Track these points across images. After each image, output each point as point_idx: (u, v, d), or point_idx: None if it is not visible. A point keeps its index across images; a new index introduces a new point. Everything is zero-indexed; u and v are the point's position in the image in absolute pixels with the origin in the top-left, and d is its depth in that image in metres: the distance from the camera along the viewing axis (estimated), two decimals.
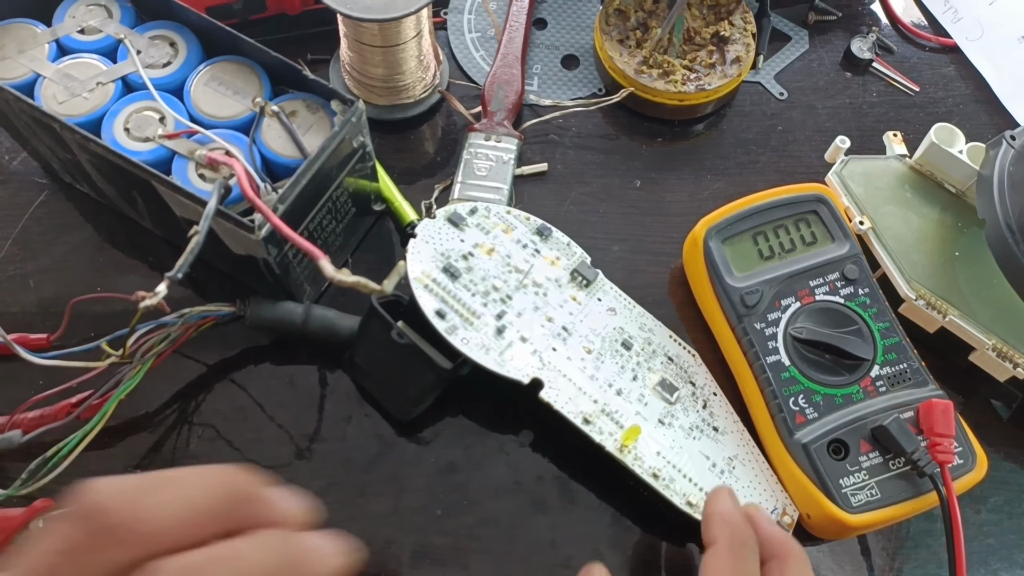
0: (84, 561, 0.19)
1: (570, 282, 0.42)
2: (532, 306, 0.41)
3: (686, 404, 0.41)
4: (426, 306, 0.39)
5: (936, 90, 0.54)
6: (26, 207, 0.47)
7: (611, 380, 0.40)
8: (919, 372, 0.40)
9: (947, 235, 0.44)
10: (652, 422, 0.39)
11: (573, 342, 0.40)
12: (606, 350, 0.41)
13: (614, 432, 0.38)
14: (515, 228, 0.43)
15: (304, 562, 0.21)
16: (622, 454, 0.38)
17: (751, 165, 0.51)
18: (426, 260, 0.40)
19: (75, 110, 0.39)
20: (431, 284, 0.39)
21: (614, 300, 0.42)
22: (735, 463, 0.40)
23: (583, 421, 0.38)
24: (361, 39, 0.46)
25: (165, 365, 0.40)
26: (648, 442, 0.39)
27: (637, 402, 0.40)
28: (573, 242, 0.43)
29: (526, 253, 0.42)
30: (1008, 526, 0.42)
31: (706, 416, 0.41)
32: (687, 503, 0.38)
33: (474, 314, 0.39)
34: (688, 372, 0.42)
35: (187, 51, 0.41)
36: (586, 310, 0.42)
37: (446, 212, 0.42)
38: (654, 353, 0.41)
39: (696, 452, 0.39)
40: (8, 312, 0.43)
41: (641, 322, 0.42)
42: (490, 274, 0.41)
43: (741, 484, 0.39)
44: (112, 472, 0.32)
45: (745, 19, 0.52)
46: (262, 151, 0.39)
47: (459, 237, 0.41)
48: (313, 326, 0.42)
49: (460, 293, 0.40)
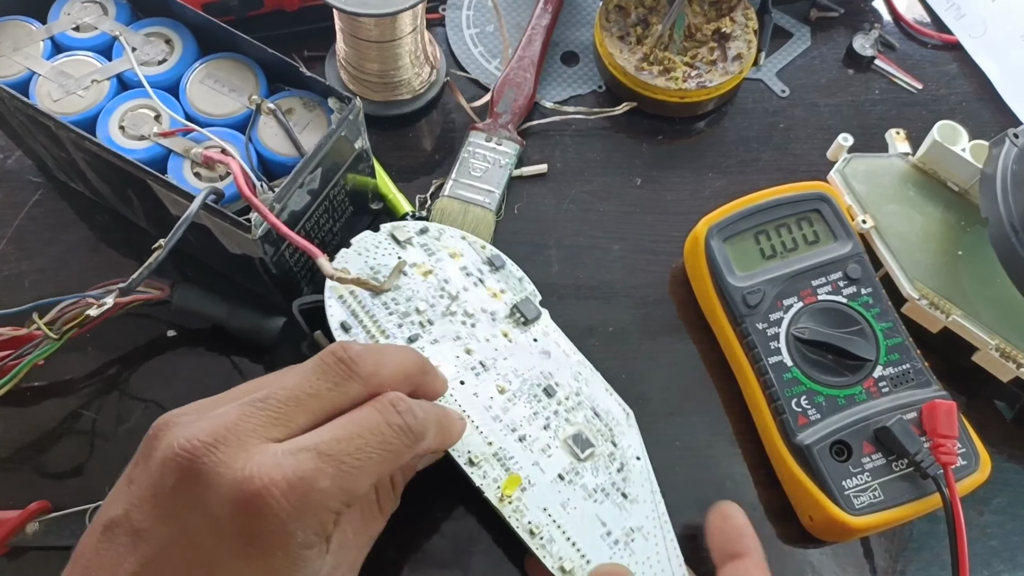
0: (336, 388, 0.29)
1: (507, 317, 0.40)
2: (454, 335, 0.38)
3: (598, 464, 0.37)
4: (333, 316, 0.37)
5: (939, 88, 0.54)
6: (21, 206, 0.46)
7: (516, 425, 0.37)
8: (922, 373, 0.40)
9: (950, 234, 0.44)
10: (550, 476, 0.36)
11: (487, 378, 0.38)
12: (522, 393, 0.38)
13: (499, 479, 0.36)
14: (464, 255, 0.41)
15: (448, 420, 0.34)
16: (501, 504, 0.35)
17: (753, 163, 0.51)
18: (353, 271, 0.38)
19: (70, 108, 0.39)
20: (347, 295, 0.38)
21: (552, 344, 0.40)
22: (636, 535, 0.36)
23: (468, 462, 0.36)
24: (358, 35, 0.45)
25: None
26: (537, 496, 0.36)
27: (539, 453, 0.37)
28: (527, 278, 0.42)
29: (467, 281, 0.40)
30: (1012, 527, 0.41)
31: (618, 480, 0.37)
32: (560, 568, 0.34)
33: (383, 332, 0.37)
34: (614, 431, 0.38)
35: (183, 48, 0.41)
36: (514, 349, 0.39)
37: (392, 227, 0.40)
38: (578, 405, 0.38)
39: (591, 516, 0.36)
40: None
41: (576, 371, 0.40)
42: (417, 295, 0.39)
43: (636, 559, 0.35)
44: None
45: (747, 15, 0.52)
46: (258, 149, 0.39)
47: (397, 254, 0.40)
48: (236, 324, 0.41)
49: (376, 310, 0.38)
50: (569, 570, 0.34)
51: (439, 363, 0.37)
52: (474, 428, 0.36)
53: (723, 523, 0.36)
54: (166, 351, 0.43)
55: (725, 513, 0.37)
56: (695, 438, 0.42)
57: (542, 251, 0.47)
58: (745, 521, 0.36)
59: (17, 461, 0.40)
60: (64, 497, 0.39)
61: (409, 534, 0.39)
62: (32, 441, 0.40)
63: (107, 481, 0.39)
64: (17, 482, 0.40)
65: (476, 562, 0.39)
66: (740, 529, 0.36)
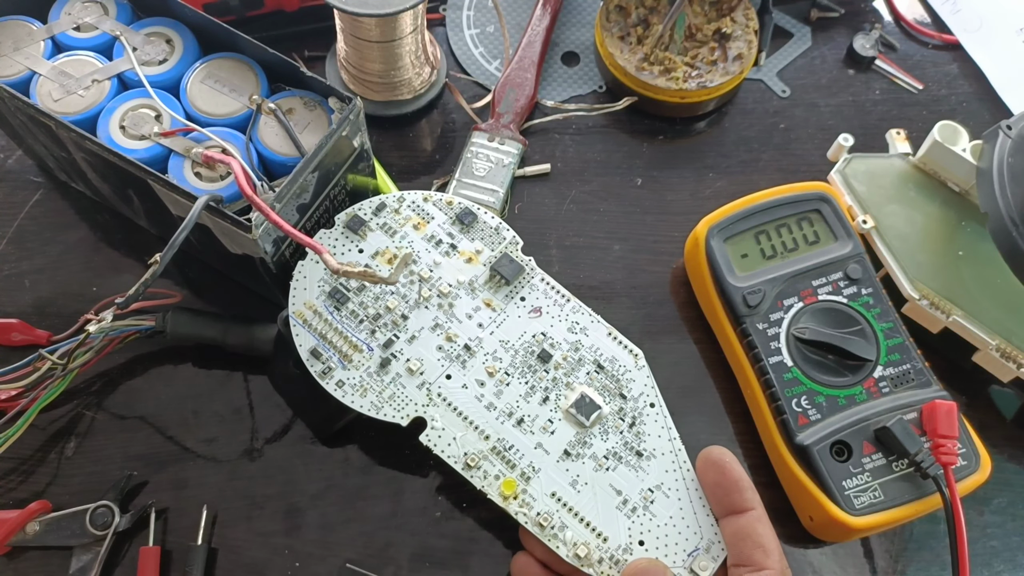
0: None
1: (487, 283, 0.38)
2: (432, 324, 0.37)
3: (606, 426, 0.36)
4: (302, 346, 0.36)
5: (939, 88, 0.54)
6: (21, 206, 0.46)
7: (513, 408, 0.36)
8: (922, 373, 0.40)
9: (951, 234, 0.44)
10: (555, 455, 0.35)
11: (475, 364, 0.36)
12: (515, 368, 0.36)
13: (502, 475, 0.35)
14: (431, 220, 0.39)
15: None
16: (506, 502, 0.34)
17: (753, 163, 0.51)
18: (312, 286, 0.37)
19: (70, 108, 0.39)
20: (311, 318, 0.36)
21: (542, 297, 0.38)
22: (656, 495, 0.35)
23: (465, 466, 0.35)
24: (358, 35, 0.45)
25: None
26: (544, 482, 0.35)
27: (541, 432, 0.35)
28: (504, 224, 0.39)
29: (437, 252, 0.38)
30: (1012, 528, 0.41)
31: (630, 438, 0.36)
32: (575, 555, 0.33)
33: (355, 348, 0.36)
34: (621, 381, 0.37)
35: (183, 48, 0.41)
36: (501, 317, 0.37)
37: (346, 216, 0.39)
38: (579, 362, 0.37)
39: (605, 487, 0.35)
40: (3, 312, 0.43)
41: (573, 321, 0.38)
42: (386, 291, 0.37)
43: (658, 521, 0.34)
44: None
45: (747, 16, 0.52)
46: (259, 149, 0.39)
47: (358, 246, 0.38)
48: (233, 341, 0.41)
49: (343, 324, 0.36)
50: (584, 555, 0.33)
51: (421, 363, 0.36)
52: (468, 425, 0.36)
53: (719, 476, 0.34)
54: (166, 352, 0.43)
55: (718, 463, 0.35)
56: (695, 438, 0.42)
57: (543, 251, 0.47)
58: (741, 471, 0.34)
59: (18, 461, 0.40)
60: (64, 497, 0.39)
61: (409, 534, 0.39)
62: (32, 441, 0.40)
63: (107, 481, 0.39)
64: (17, 482, 0.40)
65: (476, 562, 0.39)
66: (738, 482, 0.34)
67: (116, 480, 0.39)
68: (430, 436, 0.35)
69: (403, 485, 0.40)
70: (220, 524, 0.39)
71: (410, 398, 0.36)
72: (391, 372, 0.36)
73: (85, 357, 0.38)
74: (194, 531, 0.38)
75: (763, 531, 0.33)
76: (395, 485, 0.40)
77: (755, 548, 0.33)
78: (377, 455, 0.41)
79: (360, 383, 0.36)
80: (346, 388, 0.36)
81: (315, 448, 0.41)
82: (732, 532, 0.34)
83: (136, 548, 0.38)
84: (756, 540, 0.33)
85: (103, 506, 0.38)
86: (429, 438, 0.35)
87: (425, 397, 0.36)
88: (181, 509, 0.39)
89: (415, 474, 0.41)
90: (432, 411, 0.36)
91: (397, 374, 0.36)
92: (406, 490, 0.40)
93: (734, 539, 0.34)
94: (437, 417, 0.36)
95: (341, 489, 0.40)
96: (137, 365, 0.42)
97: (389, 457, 0.41)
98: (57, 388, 0.38)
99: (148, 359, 0.43)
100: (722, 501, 0.35)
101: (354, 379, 0.36)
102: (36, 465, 0.40)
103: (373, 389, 0.36)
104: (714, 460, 0.35)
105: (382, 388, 0.36)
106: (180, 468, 0.40)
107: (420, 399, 0.36)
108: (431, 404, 0.36)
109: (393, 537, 0.39)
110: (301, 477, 0.40)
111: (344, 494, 0.40)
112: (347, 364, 0.36)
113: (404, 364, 0.36)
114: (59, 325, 0.42)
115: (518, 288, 0.38)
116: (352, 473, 0.41)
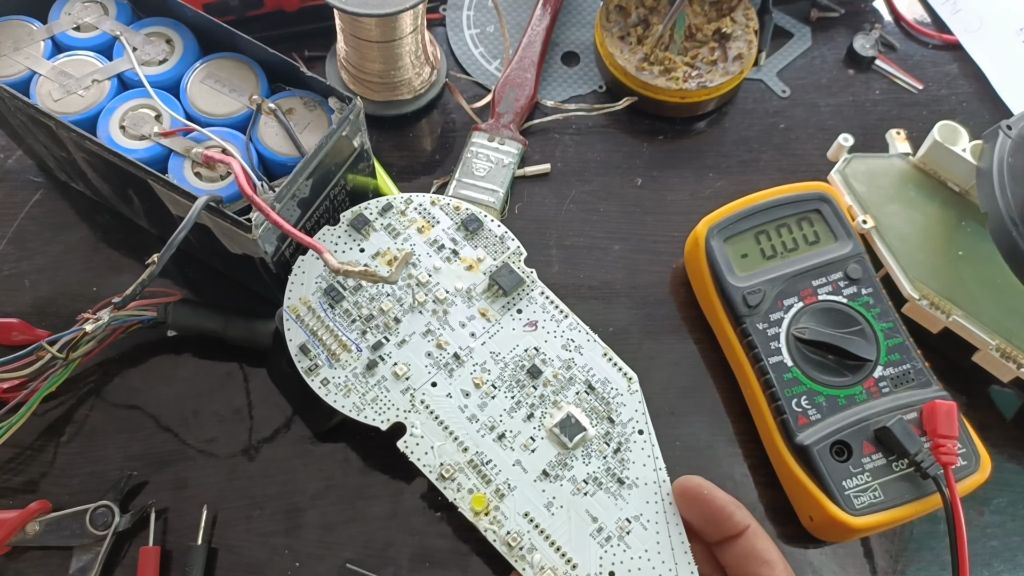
0: None
1: (485, 292, 0.37)
2: (424, 329, 0.37)
3: (590, 449, 0.35)
4: (292, 341, 0.36)
5: (939, 88, 0.54)
6: (21, 206, 0.46)
7: (496, 422, 0.35)
8: (922, 373, 0.40)
9: (951, 234, 0.44)
10: (533, 474, 0.34)
11: (462, 373, 0.36)
12: (502, 382, 0.36)
13: (476, 489, 0.34)
14: (436, 224, 0.38)
15: None
16: (476, 518, 0.34)
17: (753, 163, 0.51)
18: (309, 282, 0.37)
19: (70, 108, 0.39)
20: (304, 313, 0.36)
21: (540, 310, 0.37)
22: (633, 526, 0.34)
23: (439, 477, 0.34)
24: (358, 35, 0.45)
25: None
26: (517, 501, 0.34)
27: (521, 449, 0.35)
28: (510, 233, 0.39)
29: (439, 257, 0.38)
30: (1012, 528, 0.41)
31: (613, 464, 0.35)
32: None
33: (344, 347, 0.36)
34: (611, 404, 0.36)
35: (183, 48, 0.41)
36: (495, 328, 0.37)
37: (351, 214, 0.39)
38: (570, 381, 0.36)
39: (581, 512, 0.34)
40: (3, 311, 0.43)
41: (568, 338, 0.37)
42: (382, 292, 0.37)
43: (632, 553, 0.33)
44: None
45: (747, 16, 0.52)
46: (259, 149, 0.39)
47: (359, 245, 0.38)
48: (234, 333, 0.41)
49: (335, 322, 0.36)
50: None
51: (408, 368, 0.36)
52: (447, 436, 0.35)
53: (704, 509, 0.34)
54: (166, 351, 0.43)
55: (698, 497, 0.34)
56: (695, 438, 0.42)
57: (543, 251, 0.47)
58: (723, 496, 0.33)
59: (17, 461, 0.40)
60: (64, 497, 0.39)
61: (409, 534, 0.39)
62: (32, 441, 0.40)
63: (107, 481, 0.39)
64: (17, 482, 0.40)
65: (476, 562, 0.39)
66: (724, 508, 0.33)
67: (116, 480, 0.39)
68: (408, 443, 0.35)
69: (403, 485, 0.40)
70: (220, 524, 0.39)
71: (393, 402, 0.36)
72: (377, 375, 0.36)
73: (87, 347, 0.38)
74: (194, 531, 0.38)
75: (763, 546, 0.33)
76: (395, 485, 0.40)
77: (760, 565, 0.33)
78: (377, 455, 0.41)
79: (345, 383, 0.36)
80: (330, 387, 0.36)
81: (315, 448, 0.41)
82: (733, 555, 0.33)
83: (136, 548, 0.38)
84: (759, 557, 0.33)
85: (103, 506, 0.38)
86: (407, 444, 0.35)
87: (408, 403, 0.36)
88: (181, 509, 0.39)
89: (415, 474, 0.40)
90: (413, 417, 0.35)
91: (383, 377, 0.36)
92: (406, 490, 0.40)
93: (736, 561, 0.33)
94: (417, 424, 0.35)
95: (341, 489, 0.40)
96: (137, 362, 0.42)
97: (389, 457, 0.41)
98: (59, 377, 0.38)
99: (149, 358, 0.43)
100: (714, 533, 0.34)
101: (339, 378, 0.36)
102: (36, 462, 0.40)
103: (357, 390, 0.36)
104: (693, 494, 0.34)
105: (366, 390, 0.36)
106: (180, 468, 0.40)
107: (403, 404, 0.36)
108: (413, 410, 0.36)
109: (393, 537, 0.39)
110: (301, 477, 0.40)
111: (344, 494, 0.40)
112: (334, 363, 0.36)
113: (391, 368, 0.36)
114: (59, 325, 0.42)
115: (516, 300, 0.38)
116: (352, 473, 0.41)
